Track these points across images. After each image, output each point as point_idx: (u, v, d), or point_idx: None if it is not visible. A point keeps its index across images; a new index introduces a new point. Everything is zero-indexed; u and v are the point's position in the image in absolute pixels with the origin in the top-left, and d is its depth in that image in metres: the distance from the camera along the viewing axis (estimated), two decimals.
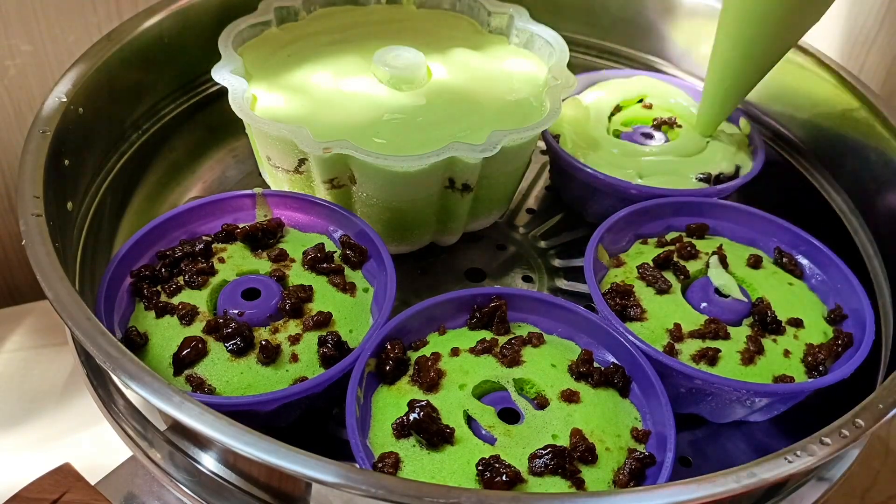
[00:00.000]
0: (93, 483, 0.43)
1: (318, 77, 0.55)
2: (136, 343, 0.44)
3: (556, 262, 0.59)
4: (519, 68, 0.58)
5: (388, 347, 0.44)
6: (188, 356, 0.42)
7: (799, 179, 0.63)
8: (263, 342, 0.43)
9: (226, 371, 0.43)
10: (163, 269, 0.47)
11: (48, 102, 0.49)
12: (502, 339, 0.45)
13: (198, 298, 0.46)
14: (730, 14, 0.54)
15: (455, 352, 0.44)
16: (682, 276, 0.50)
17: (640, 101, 0.64)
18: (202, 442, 0.39)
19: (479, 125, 0.52)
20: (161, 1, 0.58)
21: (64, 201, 0.48)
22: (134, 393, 0.37)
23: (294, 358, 0.43)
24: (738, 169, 0.60)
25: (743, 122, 0.63)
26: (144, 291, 0.46)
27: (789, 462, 0.35)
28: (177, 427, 0.40)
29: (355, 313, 0.46)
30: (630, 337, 0.45)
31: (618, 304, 0.48)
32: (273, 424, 0.44)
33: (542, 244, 0.60)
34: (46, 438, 0.63)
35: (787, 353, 0.46)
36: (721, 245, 0.51)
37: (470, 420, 0.41)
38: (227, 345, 0.43)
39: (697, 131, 0.61)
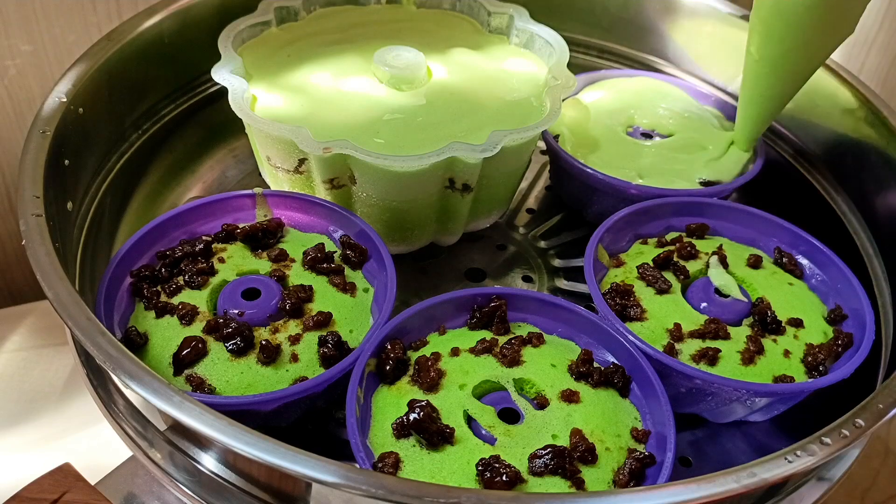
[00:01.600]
0: (93, 483, 0.43)
1: (318, 77, 0.55)
2: (136, 343, 0.44)
3: (556, 262, 0.59)
4: (519, 68, 0.58)
5: (389, 347, 0.44)
6: (188, 356, 0.42)
7: (799, 179, 0.63)
8: (263, 342, 0.43)
9: (226, 371, 0.43)
10: (163, 269, 0.47)
11: (48, 102, 0.49)
12: (502, 339, 0.45)
13: (198, 298, 0.46)
14: (758, 32, 0.53)
15: (455, 352, 0.44)
16: (682, 276, 0.50)
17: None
18: (202, 442, 0.39)
19: (479, 125, 0.52)
20: (161, 1, 0.58)
21: (64, 201, 0.48)
22: (134, 393, 0.37)
23: (294, 358, 0.43)
24: None
25: None
26: (144, 291, 0.46)
27: (789, 462, 0.35)
28: (177, 427, 0.40)
29: (355, 313, 0.46)
30: (630, 337, 0.45)
31: (618, 304, 0.48)
32: (273, 424, 0.44)
33: (542, 244, 0.60)
34: (46, 438, 0.63)
35: (787, 353, 0.46)
36: (721, 245, 0.51)
37: (470, 420, 0.41)
38: (227, 345, 0.43)
39: (737, 147, 0.60)
